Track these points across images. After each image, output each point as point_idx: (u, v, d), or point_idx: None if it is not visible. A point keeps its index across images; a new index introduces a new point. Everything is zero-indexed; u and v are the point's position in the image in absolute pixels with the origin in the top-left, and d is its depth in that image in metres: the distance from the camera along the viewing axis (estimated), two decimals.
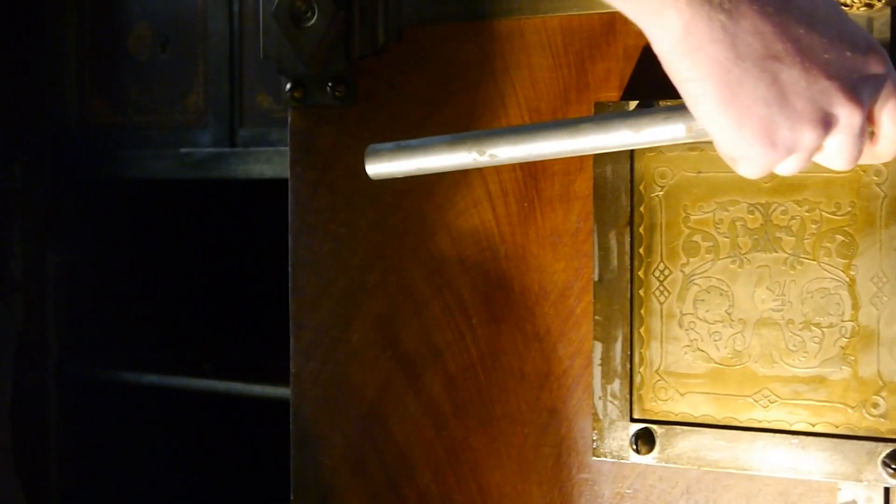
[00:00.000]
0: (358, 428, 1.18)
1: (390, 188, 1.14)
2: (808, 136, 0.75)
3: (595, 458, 1.04)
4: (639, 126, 0.83)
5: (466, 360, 1.12)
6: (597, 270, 1.02)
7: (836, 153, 0.79)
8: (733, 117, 0.74)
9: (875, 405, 0.93)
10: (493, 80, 1.10)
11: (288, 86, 1.19)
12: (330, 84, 1.16)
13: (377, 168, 0.92)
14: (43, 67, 2.43)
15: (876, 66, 0.76)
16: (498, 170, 1.10)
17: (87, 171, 2.42)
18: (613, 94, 1.05)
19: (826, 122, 0.76)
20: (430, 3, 1.13)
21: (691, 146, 0.97)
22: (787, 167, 0.79)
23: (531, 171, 1.08)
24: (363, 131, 1.16)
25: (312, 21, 1.15)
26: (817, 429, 0.95)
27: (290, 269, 1.20)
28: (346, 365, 1.18)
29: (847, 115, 0.76)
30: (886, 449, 0.93)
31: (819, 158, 0.81)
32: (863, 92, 0.76)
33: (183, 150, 2.29)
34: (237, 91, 2.24)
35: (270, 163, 2.18)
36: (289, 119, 1.20)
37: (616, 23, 1.05)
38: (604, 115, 0.86)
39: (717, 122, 0.75)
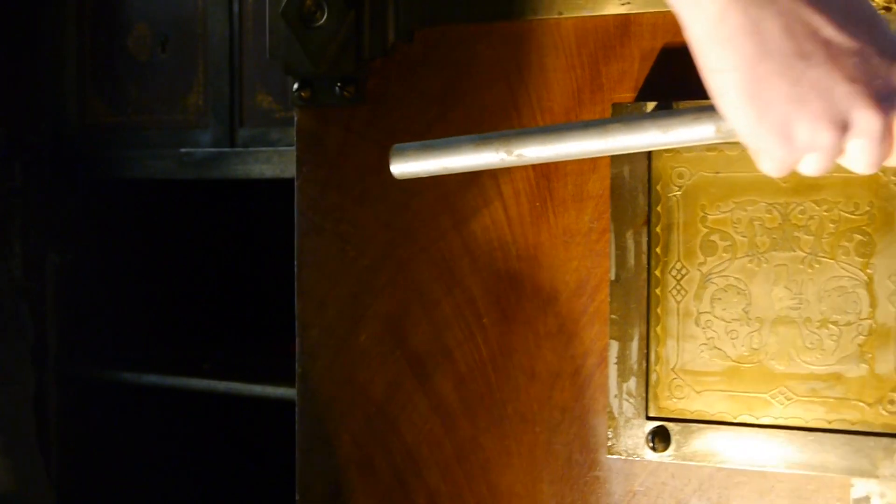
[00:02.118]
0: (366, 428, 1.17)
1: (400, 188, 1.14)
2: (825, 136, 0.76)
3: (608, 456, 1.04)
4: (668, 126, 0.84)
5: (477, 360, 1.12)
6: (613, 270, 1.02)
7: (857, 157, 0.80)
8: (755, 111, 0.75)
9: (891, 402, 0.94)
10: (505, 81, 1.10)
11: (295, 86, 1.18)
12: (339, 84, 1.16)
13: (402, 167, 0.92)
14: (43, 67, 2.43)
15: None
16: (510, 170, 1.10)
17: (87, 171, 2.42)
18: (628, 96, 1.05)
19: (844, 126, 0.76)
20: (441, 4, 1.13)
21: (709, 147, 0.98)
22: (809, 166, 0.80)
23: (544, 171, 1.09)
24: (372, 131, 1.16)
25: (322, 21, 1.15)
26: (833, 426, 0.96)
27: (296, 268, 1.20)
28: (353, 365, 1.18)
29: (866, 121, 0.76)
30: None
31: (842, 161, 0.82)
32: (885, 98, 0.76)
33: (183, 150, 2.28)
34: (237, 91, 2.24)
35: (270, 163, 2.18)
36: (295, 119, 1.20)
37: (630, 25, 1.05)
38: (633, 115, 0.86)
39: (738, 114, 0.76)
